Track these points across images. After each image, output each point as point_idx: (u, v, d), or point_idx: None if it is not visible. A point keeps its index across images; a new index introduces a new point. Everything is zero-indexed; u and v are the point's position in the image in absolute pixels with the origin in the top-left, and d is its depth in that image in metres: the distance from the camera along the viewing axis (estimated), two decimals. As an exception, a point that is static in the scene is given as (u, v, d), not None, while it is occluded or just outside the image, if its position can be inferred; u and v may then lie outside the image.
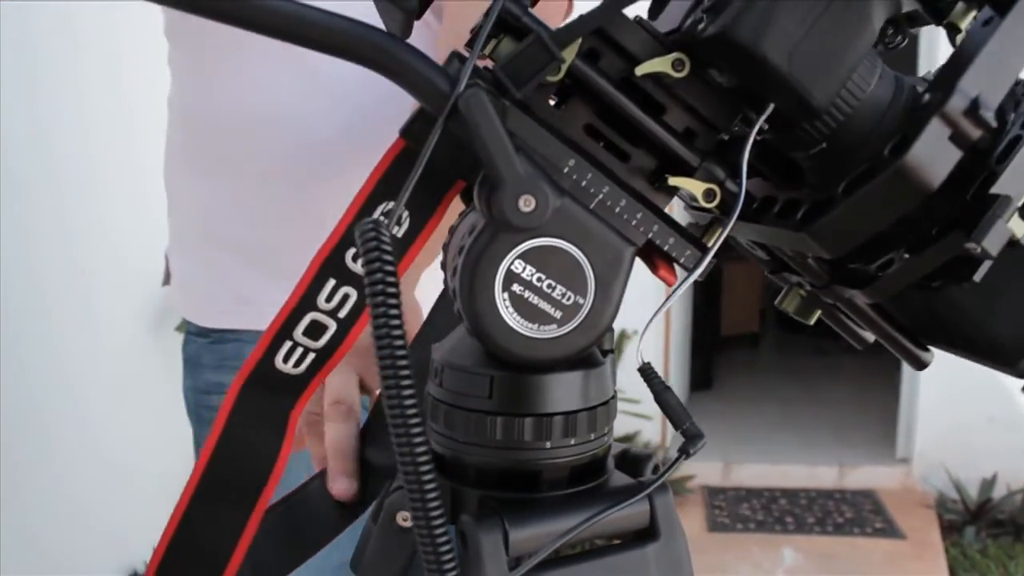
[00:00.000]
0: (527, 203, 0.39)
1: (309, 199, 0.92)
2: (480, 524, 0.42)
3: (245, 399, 0.51)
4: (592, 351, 0.46)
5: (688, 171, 0.43)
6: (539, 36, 0.38)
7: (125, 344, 1.95)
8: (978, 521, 2.98)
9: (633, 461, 0.52)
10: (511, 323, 0.42)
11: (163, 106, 1.02)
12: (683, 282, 0.45)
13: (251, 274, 0.95)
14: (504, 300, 0.42)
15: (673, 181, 0.43)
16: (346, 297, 0.50)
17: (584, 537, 0.47)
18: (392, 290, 0.35)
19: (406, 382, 0.35)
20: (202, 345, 0.99)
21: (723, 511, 3.11)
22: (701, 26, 0.40)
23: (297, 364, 0.51)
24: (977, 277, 0.40)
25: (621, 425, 3.16)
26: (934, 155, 0.37)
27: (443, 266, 0.48)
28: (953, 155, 0.37)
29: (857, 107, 0.41)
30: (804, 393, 4.19)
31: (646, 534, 0.47)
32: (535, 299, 0.42)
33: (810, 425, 3.60)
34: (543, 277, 0.42)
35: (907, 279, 0.42)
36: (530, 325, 0.42)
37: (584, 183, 0.41)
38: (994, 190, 0.38)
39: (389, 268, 0.35)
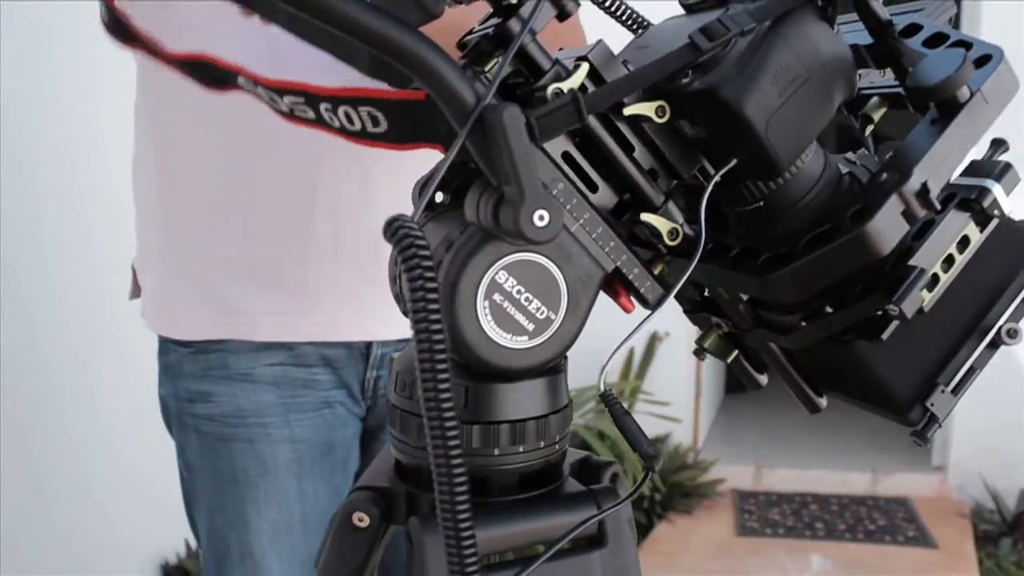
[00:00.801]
0: (542, 218, 0.41)
1: (292, 210, 0.93)
2: (425, 526, 0.44)
3: None
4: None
5: (651, 208, 0.46)
6: (576, 99, 0.41)
7: (152, 341, 2.00)
8: (1015, 532, 2.92)
9: (593, 468, 0.54)
10: (487, 329, 0.44)
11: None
12: (648, 316, 0.48)
13: (236, 285, 0.95)
14: (484, 307, 0.44)
15: (645, 217, 0.46)
16: None
17: (534, 541, 0.49)
18: (432, 285, 0.36)
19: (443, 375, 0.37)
20: (183, 355, 0.98)
21: (753, 515, 3.09)
22: (686, 80, 0.44)
23: None
24: (885, 336, 0.45)
25: (651, 427, 3.15)
26: (889, 226, 0.42)
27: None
28: (903, 228, 0.43)
29: (797, 174, 0.46)
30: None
31: (594, 541, 0.48)
32: (512, 310, 0.44)
33: (844, 430, 3.55)
34: (522, 290, 0.44)
35: (827, 331, 0.47)
36: (504, 334, 0.44)
37: (569, 207, 0.44)
38: (912, 262, 0.44)
39: (429, 274, 0.36)
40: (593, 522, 0.47)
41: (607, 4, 0.52)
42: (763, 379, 0.54)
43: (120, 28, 0.65)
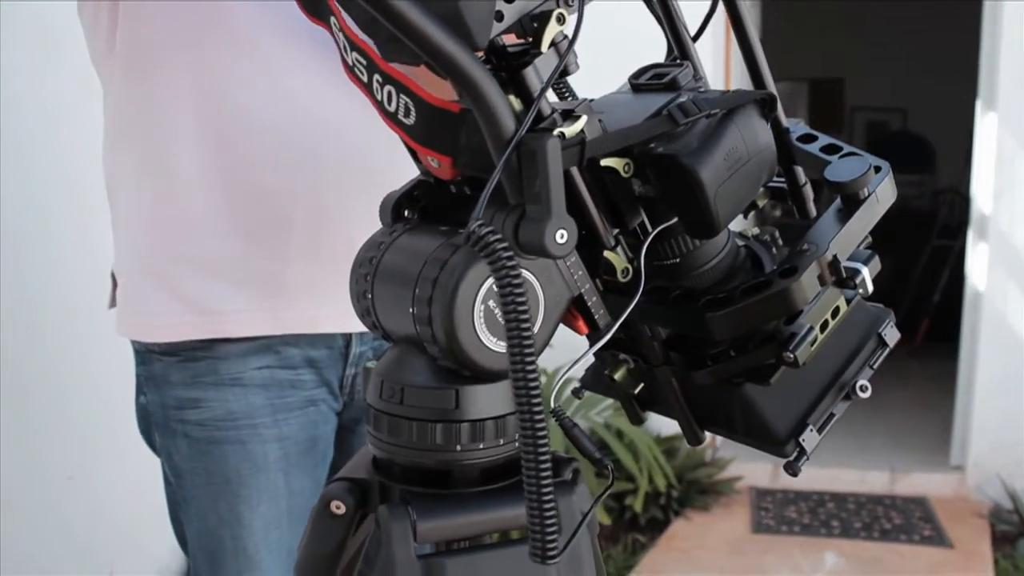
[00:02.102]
0: (563, 236, 0.46)
1: (274, 209, 0.96)
2: (392, 513, 0.50)
3: None
4: None
5: (605, 247, 0.53)
6: (583, 142, 0.48)
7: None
8: (1033, 533, 2.92)
9: (554, 464, 0.58)
10: (479, 333, 0.50)
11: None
12: (601, 340, 0.54)
13: (212, 284, 0.97)
14: (480, 311, 0.49)
15: (607, 254, 0.53)
16: None
17: (495, 528, 0.54)
18: (520, 291, 0.42)
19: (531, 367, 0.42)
20: (169, 364, 1.00)
21: (769, 513, 3.12)
22: (652, 145, 0.52)
23: None
24: (773, 380, 0.55)
25: (669, 426, 3.16)
26: (808, 286, 0.52)
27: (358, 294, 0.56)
28: (815, 289, 0.53)
29: (711, 241, 0.56)
30: (861, 396, 4.14)
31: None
32: (500, 316, 0.49)
33: (864, 429, 3.56)
34: None
35: (728, 372, 0.56)
36: (492, 338, 0.50)
37: None
38: (802, 321, 0.54)
39: (516, 279, 0.42)
40: (588, 511, 0.53)
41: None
42: (703, 436, 0.63)
43: None
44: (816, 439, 0.56)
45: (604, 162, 0.51)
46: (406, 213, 0.57)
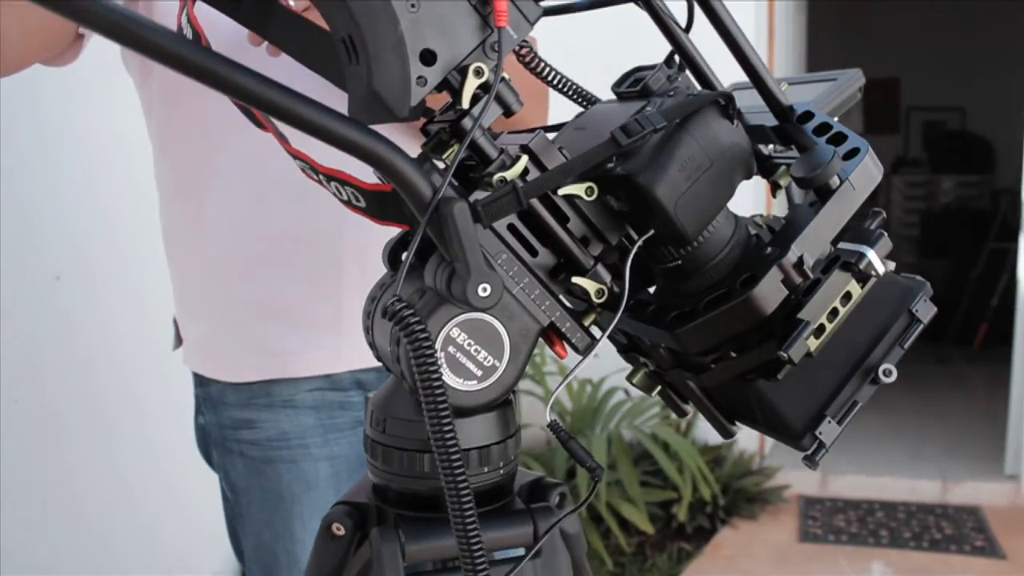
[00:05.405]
0: (484, 290, 0.50)
1: (324, 254, 1.02)
2: (383, 536, 0.55)
3: None
4: None
5: (582, 271, 0.56)
6: (516, 189, 0.50)
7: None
8: (1091, 544, 2.86)
9: (542, 489, 0.63)
10: (443, 376, 0.53)
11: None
12: (582, 359, 0.57)
13: (276, 328, 1.04)
14: (440, 357, 0.53)
15: (576, 280, 0.56)
16: None
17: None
18: (432, 357, 0.47)
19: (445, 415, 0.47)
20: (225, 386, 1.07)
21: (817, 522, 3.10)
22: (611, 165, 0.53)
23: None
24: (780, 376, 0.54)
25: (715, 435, 3.11)
26: (770, 292, 0.51)
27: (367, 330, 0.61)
28: (782, 293, 0.52)
29: (708, 239, 0.55)
30: (914, 403, 4.07)
31: (529, 551, 0.58)
32: (464, 359, 0.54)
33: (915, 436, 3.52)
34: (472, 342, 0.54)
35: (732, 372, 0.56)
36: (457, 379, 0.54)
37: (511, 273, 0.54)
38: (800, 316, 0.53)
39: (426, 342, 0.47)
40: (528, 536, 0.57)
41: (554, 80, 0.61)
42: (688, 408, 0.63)
43: None
44: (836, 431, 0.55)
45: (564, 190, 0.53)
46: (403, 256, 0.62)
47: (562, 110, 0.73)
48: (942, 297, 0.56)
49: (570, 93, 0.63)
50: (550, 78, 0.61)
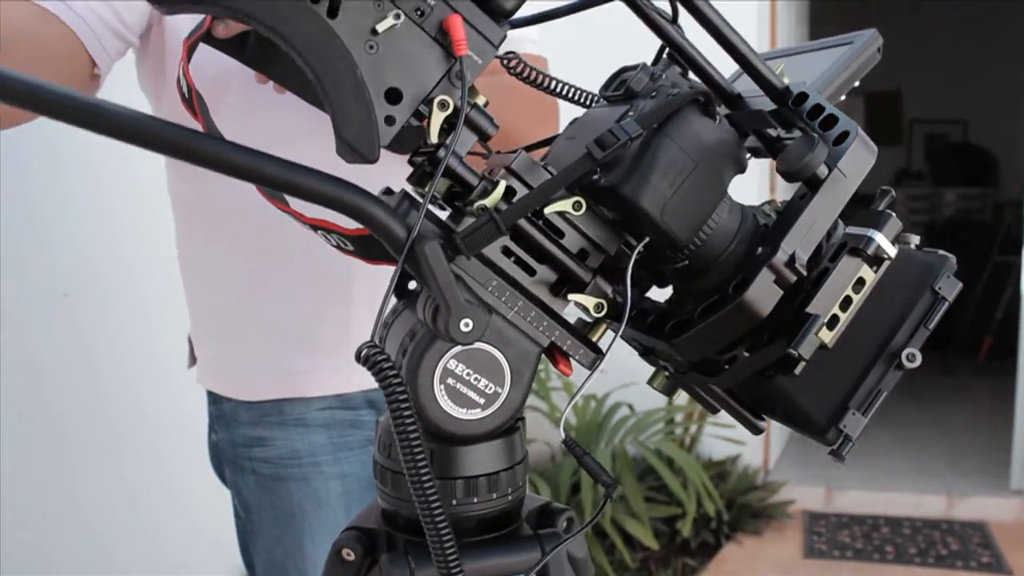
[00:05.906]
0: (467, 325, 0.50)
1: (334, 276, 1.02)
2: (392, 561, 0.55)
3: None
4: None
5: (581, 285, 0.55)
6: (494, 218, 0.49)
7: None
8: (1097, 559, 2.84)
9: (549, 514, 0.63)
10: (445, 407, 0.54)
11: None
12: (590, 375, 0.57)
13: (288, 349, 1.05)
14: (441, 389, 0.54)
15: (572, 297, 0.55)
16: None
17: (489, 575, 0.59)
18: (405, 399, 0.47)
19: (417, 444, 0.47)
20: (238, 404, 1.08)
21: (822, 537, 3.09)
22: (596, 177, 0.52)
23: None
24: (796, 372, 0.52)
25: (720, 450, 3.17)
26: (763, 294, 0.50)
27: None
28: (776, 294, 0.50)
29: (711, 235, 0.54)
30: (920, 416, 4.07)
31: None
32: (464, 389, 0.54)
33: (921, 451, 3.51)
34: (471, 372, 0.54)
35: (745, 373, 0.54)
36: (460, 409, 0.54)
37: (503, 299, 0.54)
38: (809, 309, 0.51)
39: (399, 387, 0.47)
40: (533, 561, 0.57)
41: (550, 85, 0.61)
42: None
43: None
44: (861, 422, 0.53)
45: (550, 208, 0.52)
46: (407, 286, 0.62)
47: (568, 114, 0.73)
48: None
49: (570, 96, 0.62)
50: (545, 84, 0.61)
